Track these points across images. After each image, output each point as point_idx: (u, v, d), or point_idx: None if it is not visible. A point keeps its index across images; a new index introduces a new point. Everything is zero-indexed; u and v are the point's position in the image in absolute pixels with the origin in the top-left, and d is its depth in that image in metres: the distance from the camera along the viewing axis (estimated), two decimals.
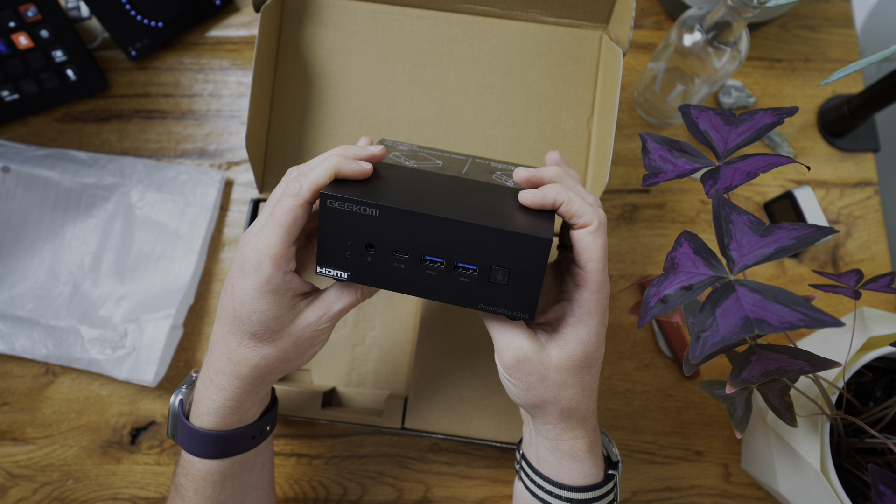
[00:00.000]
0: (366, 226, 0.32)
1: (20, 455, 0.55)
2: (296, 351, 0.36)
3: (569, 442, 0.38)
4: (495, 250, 0.32)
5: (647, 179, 0.37)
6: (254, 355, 0.35)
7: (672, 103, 0.60)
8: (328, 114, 0.55)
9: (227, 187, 0.61)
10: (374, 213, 0.32)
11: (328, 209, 0.32)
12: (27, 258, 0.58)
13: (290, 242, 0.34)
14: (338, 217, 0.32)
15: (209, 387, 0.37)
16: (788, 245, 0.30)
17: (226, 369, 0.36)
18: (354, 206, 0.32)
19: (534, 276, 0.32)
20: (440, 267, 0.33)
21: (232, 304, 0.35)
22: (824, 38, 0.68)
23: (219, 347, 0.36)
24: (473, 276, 0.33)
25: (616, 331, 0.60)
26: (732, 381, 0.34)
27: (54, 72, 0.59)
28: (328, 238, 0.33)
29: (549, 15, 0.55)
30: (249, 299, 0.34)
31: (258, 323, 0.34)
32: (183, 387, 0.41)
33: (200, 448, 0.38)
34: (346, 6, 0.55)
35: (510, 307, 0.34)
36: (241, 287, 0.34)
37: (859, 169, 0.65)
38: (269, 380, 0.38)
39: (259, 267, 0.33)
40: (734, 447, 0.58)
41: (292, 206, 0.33)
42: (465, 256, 0.33)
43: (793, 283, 0.62)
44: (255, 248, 0.33)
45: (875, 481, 0.35)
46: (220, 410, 0.37)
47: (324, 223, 0.33)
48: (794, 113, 0.36)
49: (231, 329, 0.35)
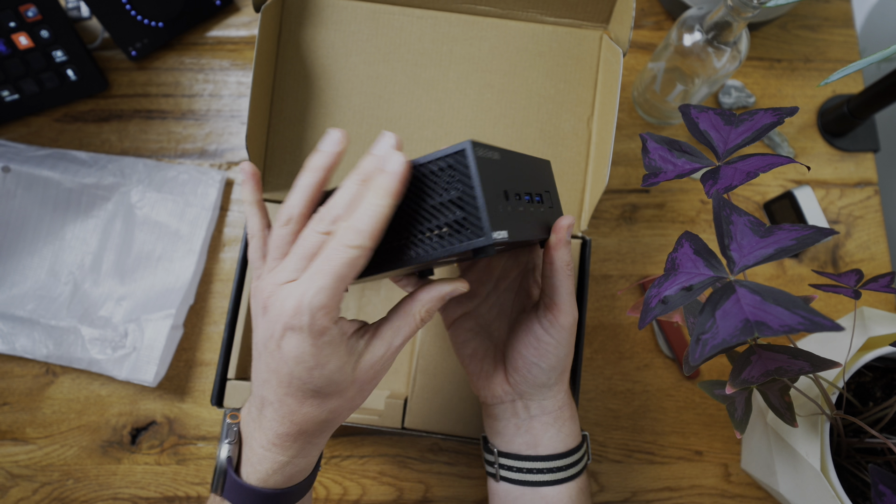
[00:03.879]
0: (498, 172, 0.32)
1: (20, 455, 0.55)
2: (361, 394, 0.34)
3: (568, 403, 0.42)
4: (540, 177, 0.38)
5: (647, 179, 0.37)
6: (320, 412, 0.33)
7: (672, 103, 0.60)
8: (328, 114, 0.55)
9: (228, 187, 0.61)
10: (495, 156, 0.32)
11: (480, 160, 0.30)
12: (27, 258, 0.58)
13: (343, 293, 0.30)
14: (486, 167, 0.30)
15: (270, 449, 0.34)
16: (789, 246, 0.30)
17: (290, 431, 0.33)
18: (489, 152, 0.31)
19: (555, 191, 0.40)
20: (534, 202, 0.35)
21: (286, 367, 0.31)
22: (824, 38, 0.68)
23: (277, 412, 0.33)
24: (544, 203, 0.37)
25: (616, 331, 0.60)
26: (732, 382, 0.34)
27: (54, 72, 0.59)
28: (488, 194, 0.30)
29: (549, 15, 0.55)
30: (308, 356, 0.30)
31: (321, 379, 0.31)
32: (226, 440, 0.36)
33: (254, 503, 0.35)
34: (346, 6, 0.55)
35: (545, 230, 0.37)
36: (294, 348, 0.30)
37: (859, 169, 0.65)
38: (335, 426, 0.35)
39: (312, 323, 0.29)
40: (734, 447, 0.58)
41: (353, 257, 0.29)
42: (535, 188, 0.37)
43: (793, 283, 0.62)
44: (305, 302, 0.29)
45: (875, 481, 0.35)
46: (286, 470, 0.35)
47: (481, 178, 0.29)
48: (794, 113, 0.36)
49: (289, 391, 0.32)
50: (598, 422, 0.58)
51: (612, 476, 0.57)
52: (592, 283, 0.61)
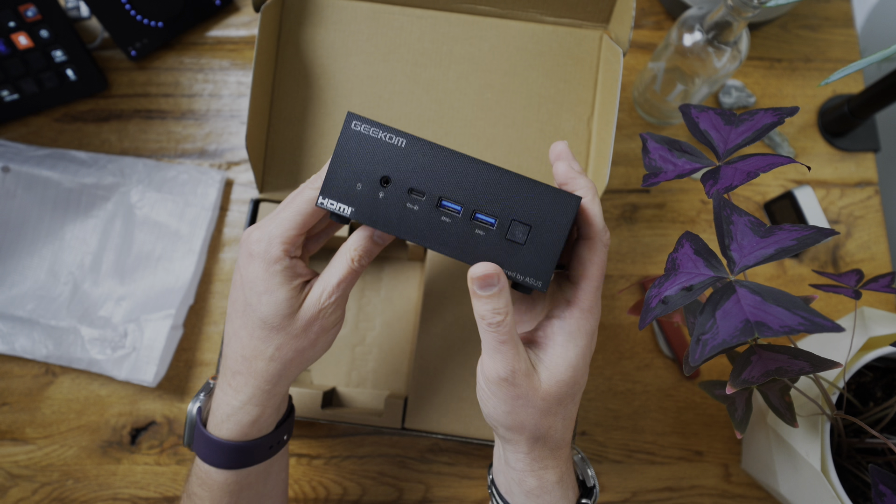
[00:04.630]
0: (387, 156, 0.31)
1: (20, 455, 0.55)
2: (307, 336, 0.36)
3: (538, 473, 0.35)
4: (521, 203, 0.31)
5: (648, 179, 0.37)
6: (267, 346, 0.35)
7: (672, 103, 0.60)
8: (328, 114, 0.55)
9: (227, 187, 0.61)
10: (399, 143, 0.31)
11: (351, 132, 0.31)
12: (27, 258, 0.58)
13: (303, 232, 0.34)
14: (359, 142, 0.31)
15: (227, 391, 0.37)
16: (789, 246, 0.30)
17: (241, 368, 0.36)
18: (381, 133, 0.31)
19: (556, 237, 0.31)
20: (456, 215, 0.31)
21: (243, 294, 0.35)
22: (824, 38, 0.68)
23: (232, 347, 0.37)
24: (491, 230, 0.31)
25: (616, 331, 0.60)
26: (733, 382, 0.34)
27: (54, 72, 0.59)
28: (342, 165, 0.32)
29: (549, 15, 0.55)
30: (259, 281, 0.34)
31: (268, 305, 0.34)
32: (201, 394, 0.40)
33: (217, 458, 0.37)
34: (346, 6, 0.55)
35: (524, 271, 0.31)
36: (250, 271, 0.34)
37: (859, 169, 0.65)
38: (285, 376, 0.37)
39: (268, 249, 0.34)
40: (734, 447, 0.58)
41: (313, 196, 0.34)
42: (485, 205, 0.31)
43: (793, 282, 0.62)
44: (265, 231, 0.34)
45: (875, 481, 0.35)
46: (238, 416, 0.37)
47: (341, 148, 0.31)
48: (795, 113, 0.36)
49: (243, 321, 0.35)
50: (598, 422, 0.58)
51: (612, 476, 0.57)
52: None
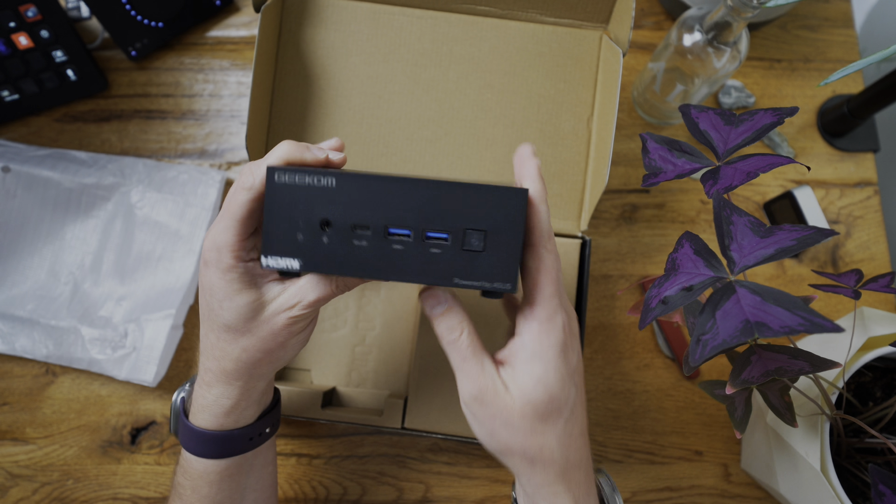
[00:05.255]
0: (320, 200, 0.30)
1: (20, 455, 0.55)
2: (275, 340, 0.35)
3: (549, 498, 0.32)
4: (469, 210, 0.30)
5: (647, 179, 0.37)
6: (233, 348, 0.35)
7: (672, 103, 0.60)
8: (328, 114, 0.55)
9: (227, 187, 0.61)
10: (329, 184, 0.30)
11: (276, 186, 0.30)
12: (27, 258, 0.58)
13: (247, 234, 0.33)
14: (287, 193, 0.30)
15: (202, 385, 0.37)
16: (789, 246, 0.30)
17: (212, 366, 0.36)
18: (307, 178, 0.30)
19: (512, 235, 0.30)
20: (408, 240, 0.30)
21: (205, 299, 0.35)
22: (824, 38, 0.68)
23: (203, 347, 0.37)
24: (446, 246, 0.30)
25: (616, 331, 0.60)
26: (732, 382, 0.34)
27: (54, 72, 0.59)
28: (276, 220, 0.30)
29: (549, 15, 0.55)
30: (217, 289, 0.33)
31: (229, 311, 0.34)
32: (186, 385, 0.41)
33: (198, 447, 0.38)
34: (346, 6, 0.55)
35: (489, 277, 0.30)
36: (207, 279, 0.34)
37: (859, 169, 0.65)
38: (256, 374, 0.37)
39: (219, 259, 0.33)
40: (734, 447, 0.58)
41: (246, 199, 0.32)
42: (435, 222, 0.30)
43: (793, 283, 0.62)
44: (213, 240, 0.33)
45: (875, 481, 0.35)
46: (213, 408, 0.37)
47: (271, 203, 0.30)
48: (794, 113, 0.36)
49: (210, 326, 0.35)
50: (598, 422, 0.58)
51: (612, 476, 0.57)
52: (592, 283, 0.61)
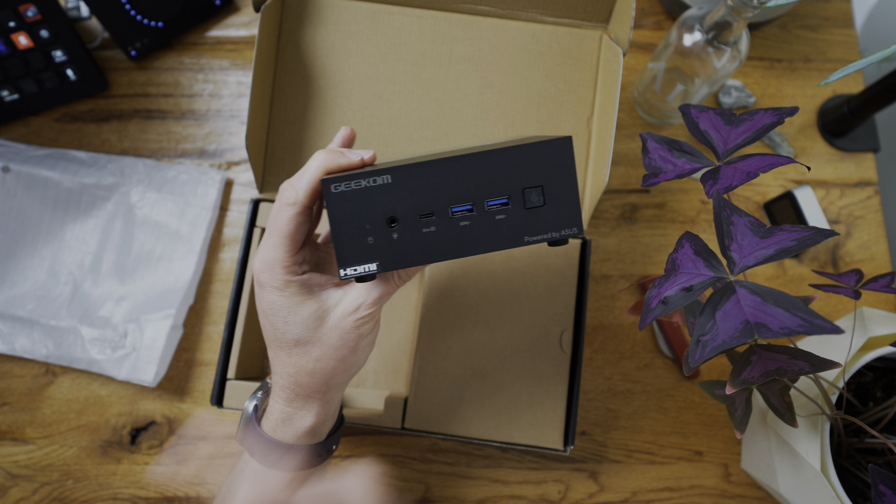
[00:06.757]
0: (381, 199, 0.31)
1: (20, 455, 0.55)
2: (346, 345, 0.35)
3: None
4: (520, 171, 0.31)
5: (647, 179, 0.37)
6: (306, 361, 0.35)
7: (672, 103, 0.60)
8: (328, 114, 0.55)
9: (227, 187, 0.61)
10: (385, 181, 0.30)
11: (334, 196, 0.30)
12: (27, 258, 0.58)
13: (296, 249, 0.34)
14: (347, 201, 0.30)
15: (279, 402, 0.37)
16: (789, 246, 0.30)
17: (287, 384, 0.36)
18: (363, 181, 0.30)
19: (567, 181, 0.31)
20: (471, 214, 0.31)
21: (267, 320, 0.35)
22: (824, 38, 0.68)
23: (275, 367, 0.37)
24: (509, 210, 0.32)
25: (616, 331, 0.60)
26: (732, 382, 0.34)
27: (54, 72, 0.59)
28: (344, 229, 0.31)
29: (549, 15, 0.55)
30: (278, 307, 0.34)
31: (295, 325, 0.34)
32: (259, 392, 0.40)
33: (269, 457, 0.37)
34: (346, 6, 0.55)
35: (556, 227, 0.32)
36: (266, 300, 0.34)
37: (859, 169, 0.65)
38: (333, 384, 0.37)
39: (273, 277, 0.34)
40: (734, 447, 0.58)
41: (291, 214, 0.33)
42: (492, 190, 0.31)
43: (793, 283, 0.62)
44: (264, 260, 0.34)
45: (875, 481, 0.35)
46: (294, 421, 0.37)
47: (335, 215, 0.31)
48: (795, 113, 0.36)
49: (279, 345, 0.35)
50: (598, 422, 0.58)
51: (612, 476, 0.57)
52: (592, 283, 0.61)
